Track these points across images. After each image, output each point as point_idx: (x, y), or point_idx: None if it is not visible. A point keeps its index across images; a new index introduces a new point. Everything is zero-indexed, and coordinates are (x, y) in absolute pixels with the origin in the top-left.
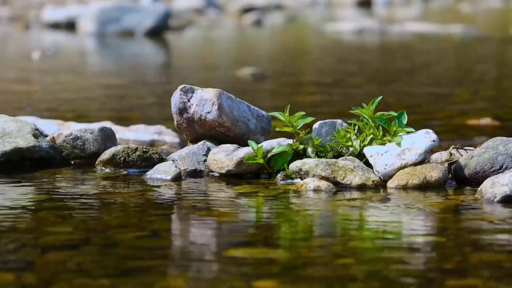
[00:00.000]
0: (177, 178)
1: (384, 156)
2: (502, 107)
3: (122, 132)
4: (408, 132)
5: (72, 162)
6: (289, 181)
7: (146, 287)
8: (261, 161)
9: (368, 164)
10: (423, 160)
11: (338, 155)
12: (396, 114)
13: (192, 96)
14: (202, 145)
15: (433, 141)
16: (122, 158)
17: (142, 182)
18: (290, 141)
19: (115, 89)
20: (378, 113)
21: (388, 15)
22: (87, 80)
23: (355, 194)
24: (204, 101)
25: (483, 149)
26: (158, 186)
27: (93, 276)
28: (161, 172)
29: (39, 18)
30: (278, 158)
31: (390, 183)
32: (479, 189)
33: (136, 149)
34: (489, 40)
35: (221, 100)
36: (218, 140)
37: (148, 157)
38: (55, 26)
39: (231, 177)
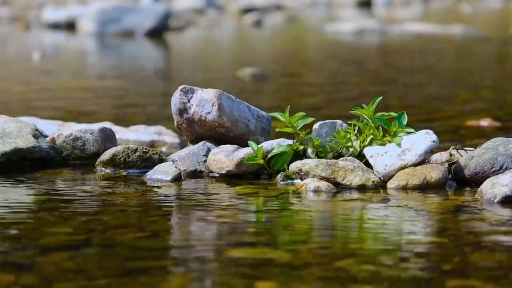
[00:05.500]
0: (177, 179)
1: (384, 157)
2: (502, 107)
3: (122, 133)
4: (408, 133)
5: (72, 163)
6: (289, 181)
7: None
8: (261, 161)
9: (368, 164)
10: (423, 160)
11: (338, 155)
12: (396, 114)
13: (192, 96)
14: (202, 145)
15: (433, 141)
16: (122, 159)
17: (142, 182)
18: (290, 141)
19: (115, 89)
20: (378, 114)
21: (388, 16)
22: (87, 81)
23: (355, 195)
24: (204, 102)
25: (483, 150)
26: (158, 187)
27: (93, 277)
28: (161, 173)
29: (39, 18)
30: (278, 159)
31: (390, 184)
32: (479, 189)
33: (136, 149)
34: (489, 41)
35: (221, 100)
36: (218, 140)
37: (148, 158)
38: (55, 26)
39: (231, 178)
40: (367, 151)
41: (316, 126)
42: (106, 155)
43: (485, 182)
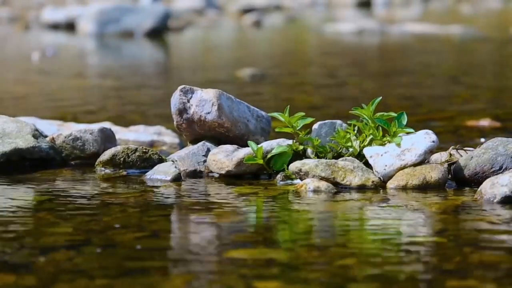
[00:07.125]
0: (177, 179)
1: (384, 157)
2: (502, 107)
3: (121, 133)
4: (407, 133)
5: (72, 163)
6: (289, 181)
7: None
8: (261, 161)
9: (367, 164)
10: (423, 160)
11: (337, 155)
12: (395, 114)
13: (191, 96)
14: (201, 145)
15: (433, 141)
16: (121, 159)
17: (141, 182)
18: (290, 141)
19: (114, 89)
20: (378, 114)
21: (388, 16)
22: (86, 81)
23: (355, 195)
24: (204, 102)
25: (483, 150)
26: (158, 187)
27: (93, 277)
28: (160, 173)
29: (38, 18)
30: (277, 159)
31: (390, 184)
32: (478, 189)
33: (136, 149)
34: (489, 41)
35: (220, 100)
36: (218, 140)
37: (148, 158)
38: (55, 26)
39: (230, 178)
40: (367, 151)
41: (315, 126)
42: (105, 155)
43: (485, 182)
